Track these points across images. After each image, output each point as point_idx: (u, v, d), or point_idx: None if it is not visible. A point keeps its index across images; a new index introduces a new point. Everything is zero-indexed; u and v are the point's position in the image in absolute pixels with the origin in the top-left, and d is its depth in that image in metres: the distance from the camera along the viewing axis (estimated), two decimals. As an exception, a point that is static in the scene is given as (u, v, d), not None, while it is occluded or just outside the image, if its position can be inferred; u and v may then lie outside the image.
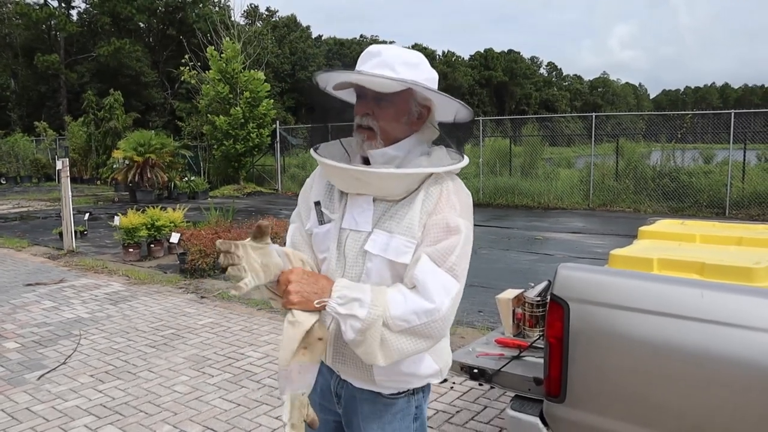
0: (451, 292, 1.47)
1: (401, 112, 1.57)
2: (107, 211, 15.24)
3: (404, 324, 1.43)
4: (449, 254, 1.48)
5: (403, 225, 1.52)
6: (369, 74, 1.51)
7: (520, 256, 9.00)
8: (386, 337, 1.43)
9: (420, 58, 1.59)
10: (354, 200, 1.60)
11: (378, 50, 1.55)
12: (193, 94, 22.30)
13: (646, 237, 3.12)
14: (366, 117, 1.56)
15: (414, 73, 1.53)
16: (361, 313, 1.42)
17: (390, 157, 1.57)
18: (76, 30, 41.61)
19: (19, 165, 26.67)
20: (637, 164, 15.11)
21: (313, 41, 64.23)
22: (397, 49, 1.58)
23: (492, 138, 19.32)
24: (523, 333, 2.83)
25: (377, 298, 1.44)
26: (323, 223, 1.64)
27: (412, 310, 1.43)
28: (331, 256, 1.60)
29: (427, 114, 1.62)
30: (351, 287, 1.47)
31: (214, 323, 5.70)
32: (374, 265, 1.54)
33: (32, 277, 7.86)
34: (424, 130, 1.64)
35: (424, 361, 1.63)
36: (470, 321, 5.61)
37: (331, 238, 1.61)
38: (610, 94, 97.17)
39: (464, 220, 1.54)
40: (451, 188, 1.56)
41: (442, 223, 1.51)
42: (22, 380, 4.39)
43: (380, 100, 1.55)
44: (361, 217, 1.57)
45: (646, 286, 2.06)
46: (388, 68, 1.51)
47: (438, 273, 1.46)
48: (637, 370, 2.02)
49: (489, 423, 3.57)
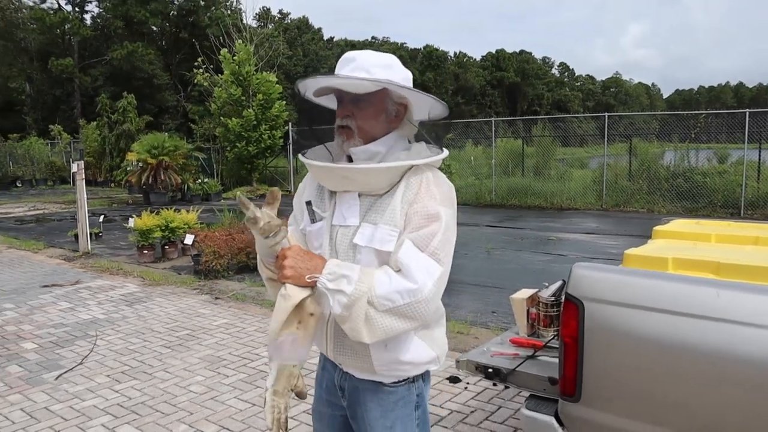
0: (434, 275, 1.55)
1: (379, 111, 1.66)
2: (121, 213, 15.37)
3: (388, 303, 1.51)
4: (431, 239, 1.56)
5: (386, 215, 1.61)
6: (344, 77, 1.60)
7: (533, 256, 8.98)
8: (371, 315, 1.52)
9: (393, 60, 1.67)
10: (341, 198, 1.70)
11: (353, 56, 1.65)
12: (205, 96, 22.43)
13: (661, 237, 3.11)
14: (345, 118, 1.66)
15: (388, 74, 1.62)
16: (348, 289, 1.51)
17: (371, 153, 1.66)
18: (90, 34, 42.01)
19: (35, 168, 26.94)
20: (650, 164, 15.01)
21: (324, 43, 64.45)
22: (371, 53, 1.67)
23: (504, 139, 19.28)
24: (538, 333, 2.83)
25: (364, 276, 1.53)
26: (315, 221, 1.74)
27: (396, 289, 1.51)
28: (324, 252, 1.69)
29: (404, 112, 1.71)
30: (341, 265, 1.57)
31: (229, 324, 5.73)
32: (363, 256, 1.62)
33: (49, 278, 7.95)
34: (403, 127, 1.72)
35: (420, 349, 1.71)
36: (484, 322, 5.60)
37: (323, 235, 1.71)
38: (623, 94, 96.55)
39: (444, 208, 1.62)
40: (431, 179, 1.64)
41: (422, 211, 1.59)
42: (41, 380, 4.45)
43: (358, 101, 1.64)
44: (349, 212, 1.67)
45: (661, 285, 2.06)
46: (364, 71, 1.60)
47: (421, 257, 1.54)
48: (652, 369, 2.01)
49: (503, 423, 3.57)
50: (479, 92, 72.74)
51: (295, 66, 51.33)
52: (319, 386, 1.96)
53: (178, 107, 42.04)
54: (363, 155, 1.66)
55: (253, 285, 7.26)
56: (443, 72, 68.92)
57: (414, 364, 1.72)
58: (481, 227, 12.28)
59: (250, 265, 7.95)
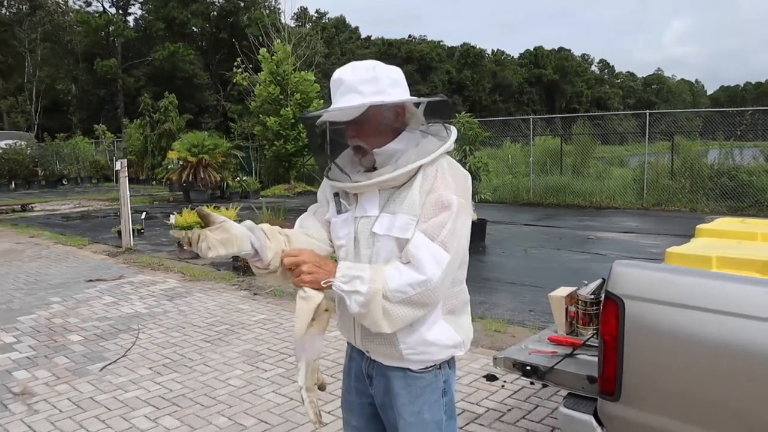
0: (442, 263, 1.62)
1: (378, 123, 1.74)
2: (162, 210, 15.70)
3: (401, 295, 1.61)
4: (441, 228, 1.64)
5: (405, 205, 1.69)
6: (332, 110, 1.71)
7: (571, 255, 8.86)
8: (387, 307, 1.61)
9: (376, 67, 1.73)
10: (363, 192, 1.80)
11: (339, 78, 1.72)
12: (244, 95, 22.75)
13: (705, 235, 3.04)
14: (354, 139, 1.76)
15: (375, 87, 1.68)
16: (362, 288, 1.60)
17: (392, 151, 1.75)
18: (133, 35, 43.03)
19: (80, 167, 27.74)
20: (693, 162, 14.64)
21: (362, 42, 64.66)
22: (354, 69, 1.72)
23: (542, 137, 19.04)
24: (576, 331, 2.80)
25: (376, 274, 1.62)
26: (341, 212, 1.83)
27: (407, 282, 1.61)
28: (348, 242, 1.79)
29: (403, 111, 1.78)
30: (352, 267, 1.66)
31: (267, 319, 5.81)
32: (382, 244, 1.72)
33: (93, 273, 8.18)
34: (411, 121, 1.80)
35: (445, 331, 1.77)
36: (521, 320, 5.56)
37: (348, 226, 1.80)
38: (665, 91, 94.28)
39: (457, 197, 1.68)
40: (446, 167, 1.73)
41: (437, 201, 1.67)
42: (86, 371, 4.58)
43: (356, 122, 1.73)
44: (369, 204, 1.76)
45: (706, 283, 2.02)
46: (354, 93, 1.68)
47: (431, 246, 1.63)
48: (695, 368, 1.97)
49: (540, 422, 3.54)
50: (517, 90, 71.97)
51: (333, 65, 51.54)
52: (348, 376, 2.00)
53: (218, 106, 42.77)
54: (384, 155, 1.75)
55: (291, 281, 7.33)
56: (480, 70, 68.45)
57: (440, 345, 1.77)
58: (518, 226, 12.17)
59: (287, 262, 8.02)
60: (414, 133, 1.79)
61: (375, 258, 1.73)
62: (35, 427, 3.67)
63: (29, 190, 24.57)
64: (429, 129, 1.81)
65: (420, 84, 58.46)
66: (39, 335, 5.50)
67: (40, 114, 40.60)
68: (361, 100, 1.66)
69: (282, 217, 9.55)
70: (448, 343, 1.79)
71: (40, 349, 5.11)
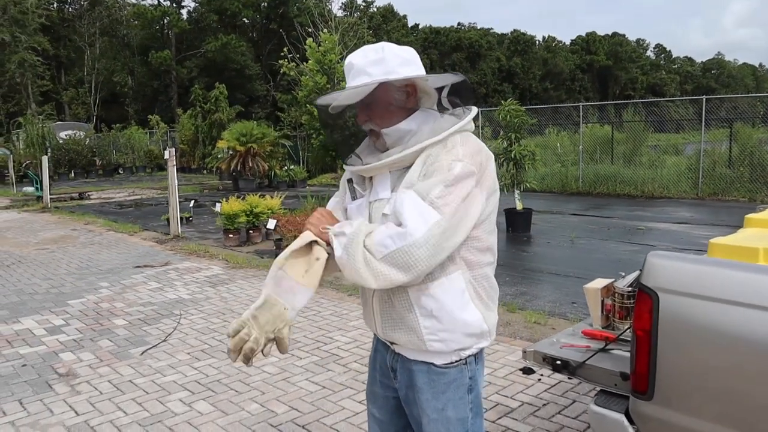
0: (428, 221, 1.55)
1: (387, 104, 1.72)
2: (212, 198, 15.99)
3: (383, 249, 1.56)
4: (432, 189, 1.58)
5: (406, 181, 1.67)
6: (338, 92, 1.72)
7: (619, 246, 8.59)
8: (369, 259, 1.57)
9: (385, 48, 1.71)
10: (375, 176, 1.80)
11: (350, 62, 1.72)
12: (293, 85, 22.92)
13: (754, 225, 2.86)
14: (366, 123, 1.77)
15: (383, 68, 1.67)
16: (347, 230, 1.62)
17: (403, 132, 1.73)
18: (187, 27, 43.95)
19: (135, 156, 28.57)
20: (753, 150, 13.98)
21: (408, 30, 64.25)
22: (362, 53, 1.72)
23: (590, 125, 18.53)
24: (613, 325, 2.68)
25: (364, 225, 1.63)
26: (356, 198, 1.83)
27: (388, 234, 1.56)
28: None
29: (414, 90, 1.74)
30: (348, 222, 1.69)
31: (306, 307, 5.77)
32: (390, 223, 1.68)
33: (141, 259, 8.39)
34: (423, 101, 1.77)
35: (474, 316, 1.70)
36: (562, 312, 5.41)
37: (362, 212, 1.79)
38: (725, 76, 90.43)
39: (462, 163, 1.62)
40: (458, 140, 1.68)
41: (436, 167, 1.63)
42: (128, 354, 4.69)
43: (366, 104, 1.72)
44: (381, 187, 1.76)
45: (748, 277, 1.88)
46: (363, 75, 1.68)
47: (417, 203, 1.57)
48: (735, 368, 1.84)
49: (576, 418, 3.43)
50: (568, 77, 70.32)
51: (381, 54, 51.47)
52: (373, 368, 1.97)
53: (268, 96, 43.31)
54: (395, 134, 1.73)
55: (331, 270, 7.35)
56: (531, 57, 67.16)
57: (464, 332, 1.70)
58: (565, 215, 11.88)
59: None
60: (429, 113, 1.76)
61: None
62: (76, 407, 3.77)
63: (87, 179, 25.45)
64: (449, 110, 1.76)
65: (469, 72, 57.72)
66: (86, 318, 5.67)
67: (99, 106, 41.98)
68: (370, 80, 1.66)
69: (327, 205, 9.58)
70: (473, 331, 1.71)
71: (86, 332, 5.26)
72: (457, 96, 1.77)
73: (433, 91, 1.76)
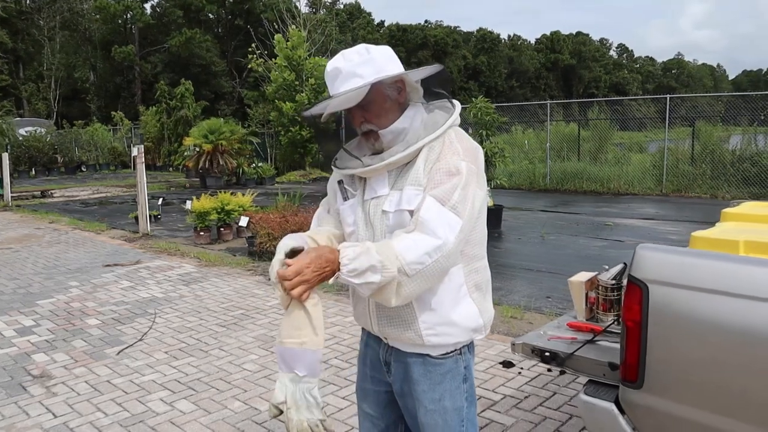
0: (455, 228, 1.59)
1: (383, 102, 1.72)
2: (179, 196, 15.78)
3: (419, 266, 1.55)
4: (451, 194, 1.60)
5: (410, 178, 1.67)
6: (336, 97, 1.66)
7: (589, 242, 8.76)
8: (402, 282, 1.55)
9: (369, 49, 1.70)
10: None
11: (335, 67, 1.69)
12: (260, 82, 22.72)
13: (730, 219, 2.96)
14: (363, 124, 1.74)
15: (373, 67, 1.66)
16: (375, 278, 1.53)
17: (398, 131, 1.73)
18: (150, 22, 43.14)
19: (98, 153, 27.91)
20: (714, 148, 14.40)
21: (375, 27, 64.26)
22: (345, 57, 1.70)
23: (556, 122, 18.82)
24: (596, 317, 2.74)
25: (386, 258, 1.53)
26: (347, 199, 1.82)
27: (424, 251, 1.55)
28: (358, 227, 1.77)
29: (404, 84, 1.75)
30: (357, 257, 1.54)
31: (281, 305, 5.79)
32: (392, 221, 1.69)
33: (110, 258, 8.23)
34: (411, 96, 1.78)
35: (470, 311, 1.74)
36: (538, 307, 5.50)
37: (355, 212, 1.78)
38: (685, 75, 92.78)
39: (466, 162, 1.65)
40: (453, 137, 1.71)
41: (444, 167, 1.64)
42: (103, 354, 4.61)
43: (362, 106, 1.70)
44: (379, 184, 1.74)
45: (734, 267, 1.94)
46: (355, 77, 1.66)
47: (442, 211, 1.59)
48: (722, 356, 1.91)
49: (558, 410, 3.49)
50: (533, 75, 71.24)
51: (347, 51, 51.35)
52: (363, 364, 1.97)
53: (234, 93, 42.82)
54: (390, 135, 1.73)
55: (306, 267, 7.32)
56: (497, 55, 67.80)
57: (462, 327, 1.73)
58: (534, 212, 12.06)
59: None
60: (417, 108, 1.78)
61: (389, 236, 1.69)
62: (53, 409, 3.69)
63: (49, 176, 24.79)
64: (432, 103, 1.80)
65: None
66: (57, 319, 5.54)
67: (59, 101, 40.94)
68: (363, 81, 1.65)
69: (297, 202, 9.54)
70: (470, 325, 1.75)
71: (58, 333, 5.15)
72: (440, 87, 1.80)
73: (419, 85, 1.78)
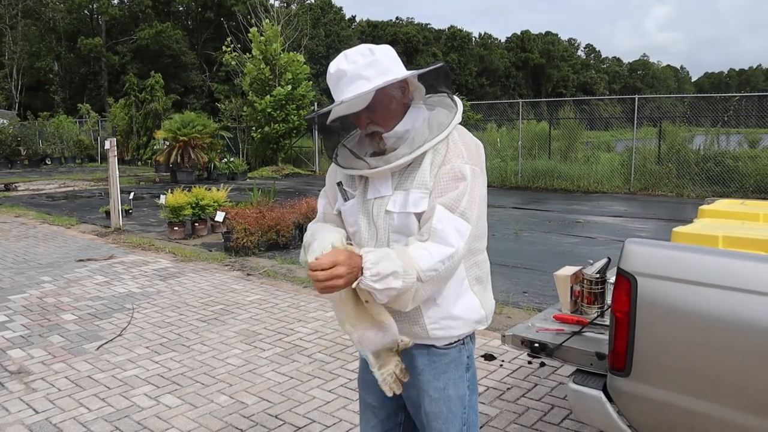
0: (465, 234, 1.66)
1: (388, 103, 1.74)
2: (149, 191, 15.56)
3: (433, 273, 1.61)
4: (460, 200, 1.66)
5: (416, 181, 1.70)
6: (345, 102, 1.66)
7: (561, 238, 8.93)
8: (418, 288, 1.61)
9: (373, 50, 1.71)
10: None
11: (339, 69, 1.69)
12: (232, 76, 22.50)
13: (707, 216, 3.08)
14: (369, 126, 1.75)
15: (379, 69, 1.68)
16: (396, 284, 1.57)
17: (401, 133, 1.75)
18: (118, 13, 42.28)
19: (64, 146, 27.30)
20: (680, 148, 14.78)
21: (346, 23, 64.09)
22: (350, 57, 1.69)
23: (527, 121, 19.08)
24: (581, 310, 2.83)
25: (407, 264, 1.58)
26: (347, 199, 1.84)
27: (438, 259, 1.61)
28: (361, 227, 1.79)
29: (407, 84, 1.78)
30: (380, 261, 1.57)
31: (262, 300, 5.81)
32: (396, 222, 1.73)
33: (83, 253, 8.10)
34: (414, 95, 1.81)
35: (472, 304, 1.80)
36: (515, 302, 5.60)
37: (357, 211, 1.80)
38: (650, 77, 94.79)
39: (471, 166, 1.70)
40: (457, 138, 1.74)
41: (450, 172, 1.68)
42: (82, 350, 4.56)
43: (368, 109, 1.71)
44: (383, 185, 1.76)
45: (716, 261, 2.04)
46: (361, 79, 1.66)
47: (452, 219, 1.65)
48: (705, 344, 2.00)
49: (540, 400, 3.59)
50: (503, 74, 71.91)
51: (317, 46, 51.16)
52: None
53: (204, 87, 42.28)
54: (394, 138, 1.75)
55: (284, 262, 7.33)
56: (467, 53, 68.24)
57: (465, 320, 1.79)
58: (507, 209, 12.23)
59: (279, 243, 8.03)
60: (420, 108, 1.80)
61: (393, 236, 1.73)
62: (34, 405, 3.65)
63: (12, 169, 24.17)
64: (433, 100, 1.83)
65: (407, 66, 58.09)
66: (31, 314, 5.45)
67: (22, 92, 39.85)
68: (370, 85, 1.65)
69: (272, 198, 9.52)
70: (472, 317, 1.80)
71: (33, 328, 5.07)
72: (443, 85, 1.83)
73: (421, 85, 1.80)
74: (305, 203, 8.57)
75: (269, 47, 19.14)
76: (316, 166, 21.18)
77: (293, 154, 22.10)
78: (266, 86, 19.34)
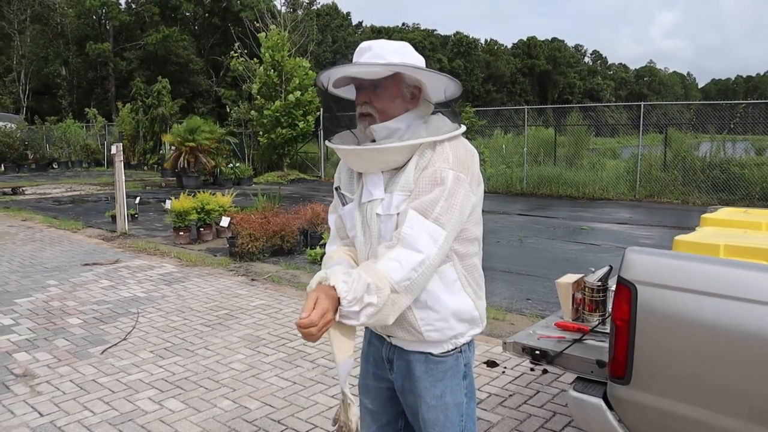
0: (438, 240, 1.63)
1: (395, 95, 1.73)
2: (155, 195, 15.64)
3: (407, 282, 1.60)
4: (434, 205, 1.64)
5: (400, 183, 1.71)
6: (359, 64, 1.68)
7: (566, 245, 8.92)
8: (394, 300, 1.59)
9: (407, 47, 1.76)
10: (367, 176, 1.80)
11: (369, 45, 1.73)
12: (239, 81, 22.59)
13: (709, 224, 3.09)
14: (365, 105, 1.74)
15: (402, 60, 1.70)
16: (373, 300, 1.55)
17: (391, 129, 1.73)
18: (126, 19, 42.56)
19: (71, 150, 27.46)
20: (685, 155, 14.75)
21: (353, 29, 64.31)
22: (386, 42, 1.74)
23: (534, 127, 19.10)
24: (582, 317, 2.84)
25: (378, 279, 1.56)
26: (345, 204, 1.86)
27: (410, 267, 1.60)
28: (357, 231, 1.81)
29: (419, 93, 1.77)
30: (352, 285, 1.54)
31: (266, 305, 5.83)
32: (383, 224, 1.73)
33: (89, 257, 8.15)
34: (420, 107, 1.79)
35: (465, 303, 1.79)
36: (519, 308, 5.61)
37: (354, 216, 1.82)
38: (657, 83, 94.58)
39: (455, 172, 1.67)
40: (447, 145, 1.71)
41: (430, 176, 1.67)
42: (87, 354, 4.59)
43: (375, 87, 1.71)
44: (375, 187, 1.77)
45: (717, 270, 2.05)
46: (380, 59, 1.68)
47: (425, 225, 1.63)
48: (705, 353, 2.01)
49: (542, 407, 3.59)
50: (510, 80, 71.94)
51: (324, 52, 51.36)
52: (366, 360, 2.02)
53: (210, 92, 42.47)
54: (383, 132, 1.73)
55: (288, 268, 7.36)
56: (473, 59, 68.33)
57: (458, 320, 1.79)
58: (511, 215, 12.23)
59: (284, 248, 8.05)
60: (417, 119, 1.79)
61: (382, 239, 1.74)
62: (39, 408, 3.67)
63: (19, 173, 24.32)
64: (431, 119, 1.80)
65: (413, 73, 58.23)
66: (37, 318, 5.49)
67: (29, 96, 40.12)
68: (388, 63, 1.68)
69: (277, 203, 9.55)
70: (465, 317, 1.80)
71: (39, 332, 5.11)
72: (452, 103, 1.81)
73: (432, 103, 1.78)
74: (310, 209, 8.60)
75: (277, 53, 19.23)
76: (322, 172, 21.24)
77: (299, 159, 22.16)
78: (273, 91, 19.43)
